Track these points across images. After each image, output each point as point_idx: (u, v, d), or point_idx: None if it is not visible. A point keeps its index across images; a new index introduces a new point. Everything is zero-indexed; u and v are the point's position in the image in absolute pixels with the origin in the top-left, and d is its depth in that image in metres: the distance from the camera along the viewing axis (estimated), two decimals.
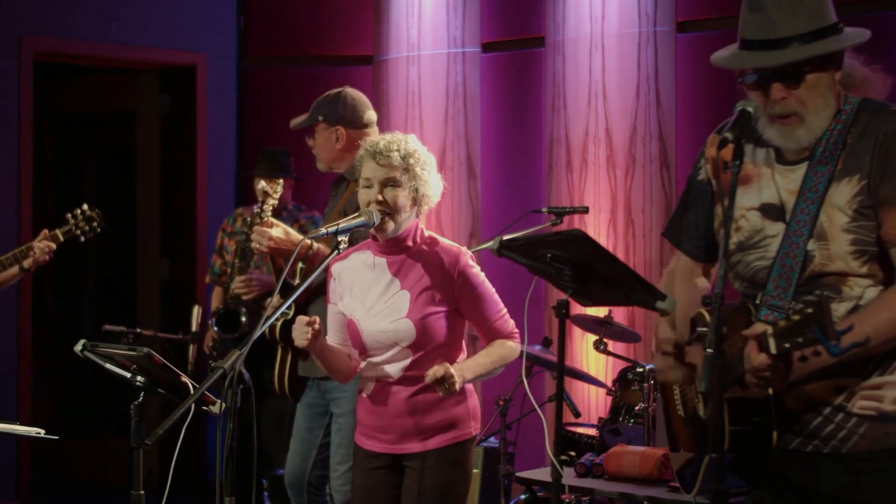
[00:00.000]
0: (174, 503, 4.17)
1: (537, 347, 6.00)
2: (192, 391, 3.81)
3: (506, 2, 7.89)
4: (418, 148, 4.05)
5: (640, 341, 6.27)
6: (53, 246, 5.77)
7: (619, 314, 6.16)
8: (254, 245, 5.10)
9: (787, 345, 2.86)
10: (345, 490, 4.96)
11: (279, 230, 5.06)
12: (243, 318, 6.20)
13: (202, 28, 8.33)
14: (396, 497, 4.11)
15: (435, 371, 3.87)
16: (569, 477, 4.75)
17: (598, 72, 7.16)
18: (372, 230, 4.03)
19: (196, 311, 6.82)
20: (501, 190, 7.64)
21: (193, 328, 6.80)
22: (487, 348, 4.11)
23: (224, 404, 3.72)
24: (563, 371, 3.29)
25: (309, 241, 4.96)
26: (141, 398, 3.92)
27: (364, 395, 4.19)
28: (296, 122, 5.37)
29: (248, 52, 8.55)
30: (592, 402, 6.84)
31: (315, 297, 5.08)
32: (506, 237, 3.33)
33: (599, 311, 5.80)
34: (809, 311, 2.78)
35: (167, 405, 4.58)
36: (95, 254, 8.91)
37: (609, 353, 5.82)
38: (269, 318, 3.73)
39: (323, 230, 3.94)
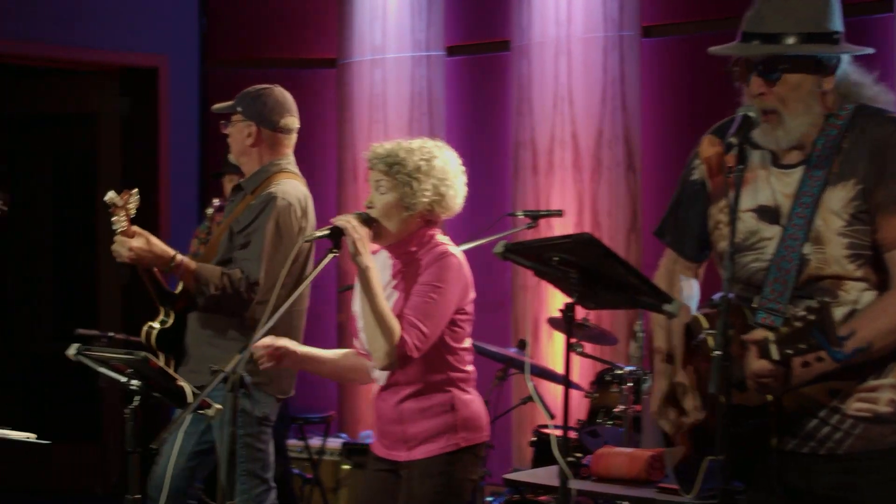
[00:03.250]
0: None
1: (512, 350, 6.02)
2: (188, 395, 3.80)
3: (471, 5, 7.91)
4: (415, 156, 3.99)
5: (616, 344, 6.31)
6: None
7: (593, 316, 6.19)
8: (115, 255, 4.87)
9: (789, 351, 2.90)
10: (235, 502, 4.74)
11: (141, 240, 4.83)
12: None
13: (164, 30, 8.29)
14: (394, 501, 4.07)
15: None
16: (552, 478, 4.76)
17: (563, 76, 7.20)
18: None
19: None
20: (467, 193, 7.63)
21: None
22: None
23: (221, 408, 3.73)
24: (569, 371, 3.31)
25: (172, 253, 4.84)
26: (136, 402, 3.91)
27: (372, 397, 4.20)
28: (217, 106, 5.21)
29: (210, 55, 8.52)
30: (580, 405, 6.86)
31: (194, 304, 4.97)
32: (511, 241, 3.33)
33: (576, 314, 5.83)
34: (812, 317, 2.82)
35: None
36: (53, 257, 8.84)
37: (586, 356, 5.84)
38: (265, 323, 3.71)
39: (318, 233, 3.93)
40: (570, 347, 3.29)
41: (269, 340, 4.01)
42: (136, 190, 4.94)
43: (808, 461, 3.21)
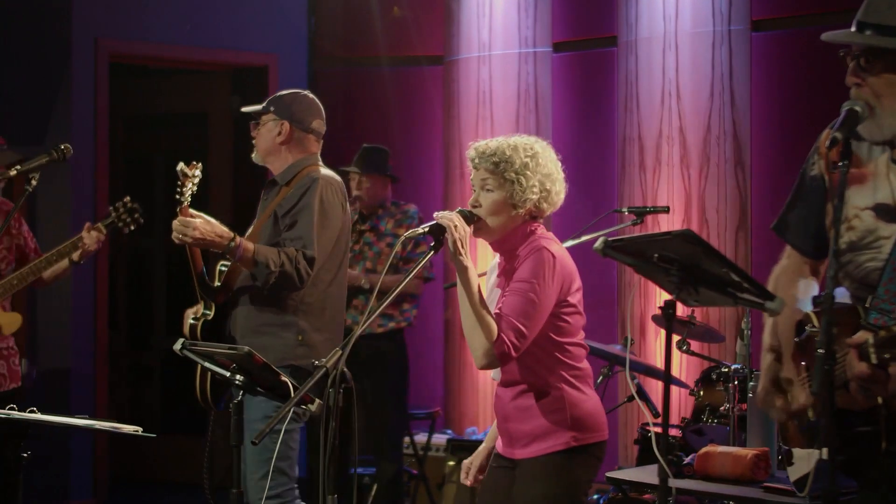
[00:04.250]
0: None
1: (617, 347, 5.98)
2: (291, 390, 3.83)
3: (577, 1, 7.88)
4: (519, 153, 3.96)
5: (723, 341, 6.24)
6: (103, 236, 5.71)
7: (700, 313, 6.12)
8: (175, 236, 4.90)
9: (886, 355, 2.84)
10: (257, 499, 4.80)
11: (201, 220, 4.90)
12: None
13: (273, 29, 8.37)
14: (508, 499, 4.05)
15: None
16: (654, 476, 4.71)
17: (671, 71, 7.14)
18: (472, 232, 3.99)
19: None
20: (573, 190, 7.53)
21: None
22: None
23: (322, 403, 3.75)
24: (671, 373, 3.28)
25: (231, 234, 4.86)
26: (240, 397, 3.97)
27: None
28: (247, 108, 5.27)
29: (319, 53, 8.59)
30: (685, 403, 6.81)
31: (232, 297, 5.00)
32: (611, 237, 3.30)
33: (682, 311, 5.78)
34: None
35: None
36: (166, 254, 8.98)
37: (692, 353, 5.78)
38: (367, 317, 3.72)
39: (420, 230, 3.94)
40: (669, 345, 3.25)
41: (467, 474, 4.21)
42: (200, 164, 5.03)
43: None
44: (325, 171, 5.09)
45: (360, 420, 5.96)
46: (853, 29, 3.21)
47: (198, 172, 5.02)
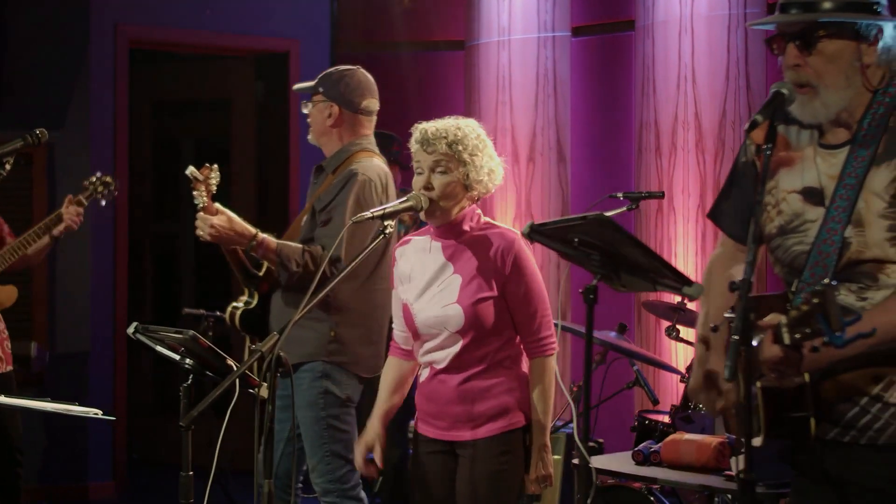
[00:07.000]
0: (242, 484, 4.24)
1: (612, 334, 5.93)
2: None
3: None
4: (469, 134, 3.99)
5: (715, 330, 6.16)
6: (82, 210, 5.84)
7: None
8: (197, 232, 4.86)
9: (797, 335, 2.80)
10: (320, 482, 4.85)
11: (223, 218, 4.81)
12: None
13: (295, 15, 8.40)
14: (452, 482, 4.08)
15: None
16: (626, 464, 4.70)
17: (687, 55, 7.07)
18: (422, 216, 4.01)
19: None
20: (591, 174, 7.59)
21: None
22: (538, 392, 4.05)
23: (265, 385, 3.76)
24: (591, 355, 3.25)
25: (253, 231, 4.82)
26: (190, 380, 3.98)
27: (420, 380, 4.19)
28: (298, 86, 5.22)
29: (340, 38, 8.61)
30: (679, 390, 6.75)
31: (278, 286, 4.97)
32: (537, 222, 3.28)
33: (672, 298, 5.73)
34: (816, 300, 2.71)
35: None
36: (192, 238, 9.05)
37: (681, 340, 5.73)
38: (305, 306, 3.71)
39: (368, 214, 3.93)
40: (590, 329, 3.22)
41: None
42: (216, 165, 4.94)
43: (849, 451, 3.09)
44: (371, 161, 5.01)
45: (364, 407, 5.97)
46: (777, 13, 3.17)
47: (213, 175, 4.90)
